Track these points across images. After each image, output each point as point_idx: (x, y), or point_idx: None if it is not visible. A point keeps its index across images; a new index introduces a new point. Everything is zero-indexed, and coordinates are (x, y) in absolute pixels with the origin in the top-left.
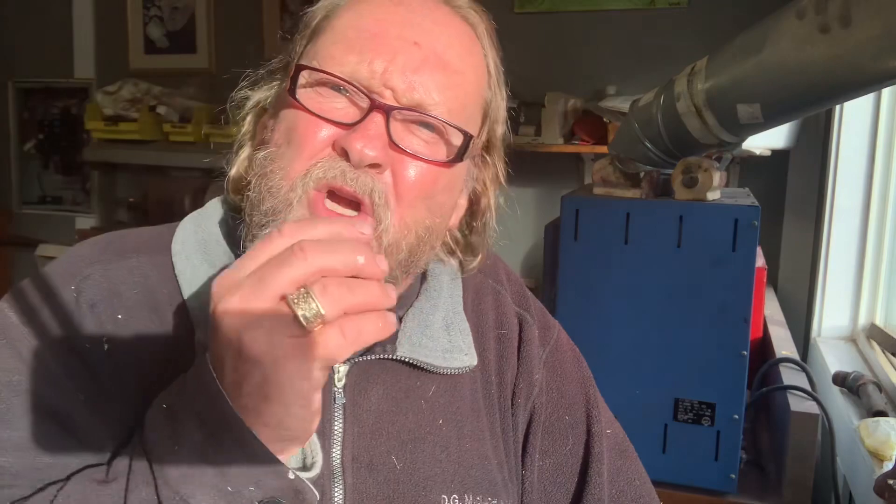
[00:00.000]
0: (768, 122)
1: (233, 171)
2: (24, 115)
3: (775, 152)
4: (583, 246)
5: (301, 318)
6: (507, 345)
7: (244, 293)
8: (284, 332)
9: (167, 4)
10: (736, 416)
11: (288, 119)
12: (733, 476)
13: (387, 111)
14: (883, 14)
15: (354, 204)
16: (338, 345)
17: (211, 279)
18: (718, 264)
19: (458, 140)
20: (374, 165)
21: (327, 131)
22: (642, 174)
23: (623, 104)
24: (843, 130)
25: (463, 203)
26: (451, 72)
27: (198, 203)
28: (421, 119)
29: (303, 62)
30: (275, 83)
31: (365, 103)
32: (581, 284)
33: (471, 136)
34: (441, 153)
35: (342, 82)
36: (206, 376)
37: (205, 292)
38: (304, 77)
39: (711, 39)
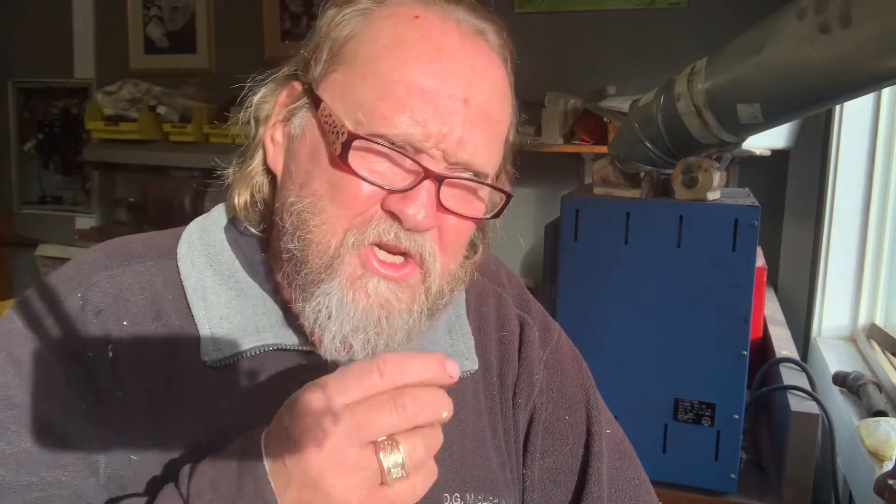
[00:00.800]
0: (768, 122)
1: (240, 198)
2: (24, 114)
3: (775, 152)
4: (583, 246)
5: (387, 470)
6: (509, 346)
7: (339, 434)
8: (367, 481)
9: (167, 4)
10: (736, 416)
11: (334, 177)
12: (733, 476)
13: (439, 179)
14: (883, 14)
15: (403, 254)
16: (408, 499)
17: (217, 285)
18: (718, 264)
19: (496, 194)
20: (427, 229)
21: (375, 192)
22: (642, 174)
23: (623, 104)
24: (843, 130)
25: None
26: (493, 123)
27: (198, 203)
28: (467, 183)
29: (337, 103)
30: (296, 103)
31: (416, 168)
32: (581, 284)
33: (511, 196)
34: (478, 208)
35: (396, 153)
36: (267, 495)
37: (212, 297)
38: (356, 143)
39: (711, 39)
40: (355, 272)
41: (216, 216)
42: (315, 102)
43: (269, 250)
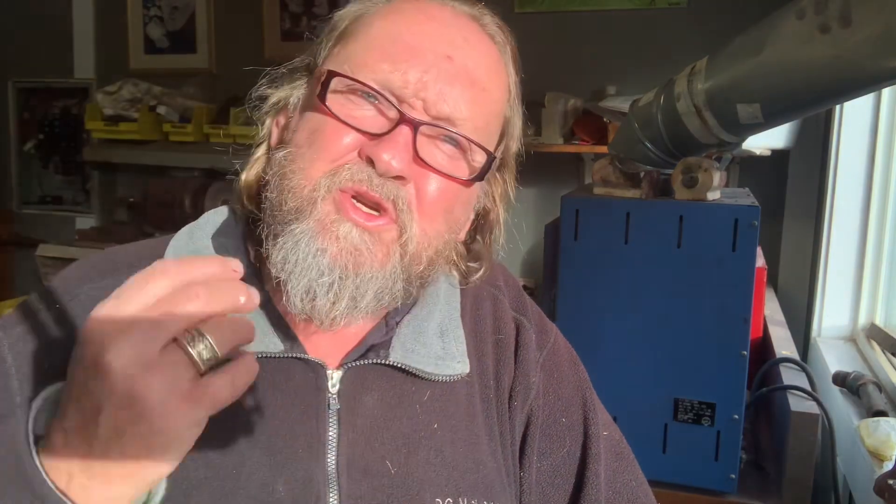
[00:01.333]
0: (768, 122)
1: (244, 175)
2: (24, 115)
3: (775, 152)
4: (583, 246)
5: (197, 360)
6: (505, 349)
7: (138, 337)
8: (181, 377)
9: (167, 4)
10: (736, 416)
11: (314, 122)
12: (733, 476)
13: (415, 125)
14: (883, 14)
15: (377, 207)
16: (228, 390)
17: None
18: (718, 264)
19: (479, 158)
20: (398, 177)
21: (353, 138)
22: (642, 174)
23: (623, 104)
24: (843, 130)
25: (471, 217)
26: (479, 88)
27: (198, 203)
28: (447, 134)
29: (331, 66)
30: (297, 82)
31: (394, 114)
32: (581, 284)
33: (493, 157)
34: (462, 169)
35: (374, 92)
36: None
37: None
38: (335, 83)
39: (711, 39)
40: (328, 217)
41: (203, 222)
42: (312, 73)
43: (256, 244)
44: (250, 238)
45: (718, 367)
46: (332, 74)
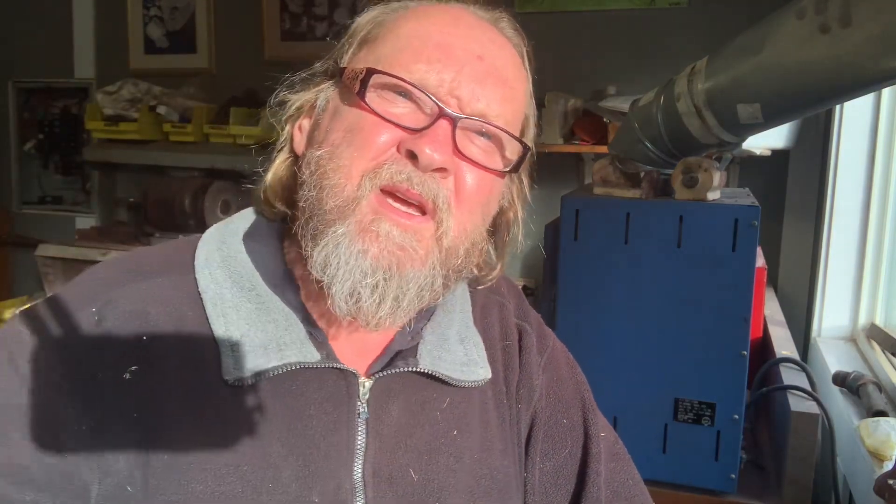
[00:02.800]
0: (768, 122)
1: (269, 178)
2: (24, 115)
3: (775, 152)
4: (583, 246)
5: None
6: (512, 355)
7: None
8: None
9: (167, 4)
10: (736, 416)
11: (350, 120)
12: (733, 476)
13: (454, 119)
14: (883, 14)
15: (415, 205)
16: None
17: (237, 299)
18: (718, 264)
19: (511, 151)
20: (440, 170)
21: (392, 134)
22: (642, 174)
23: (623, 104)
24: (843, 130)
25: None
26: (508, 87)
27: (198, 203)
28: (483, 128)
29: (360, 63)
30: (321, 85)
31: (430, 110)
32: (581, 284)
33: (528, 148)
34: (497, 162)
35: (414, 88)
36: None
37: (231, 312)
38: (372, 81)
39: (711, 39)
40: (367, 217)
41: (235, 227)
42: (340, 74)
43: (291, 247)
44: (286, 238)
45: (718, 367)
46: (371, 72)
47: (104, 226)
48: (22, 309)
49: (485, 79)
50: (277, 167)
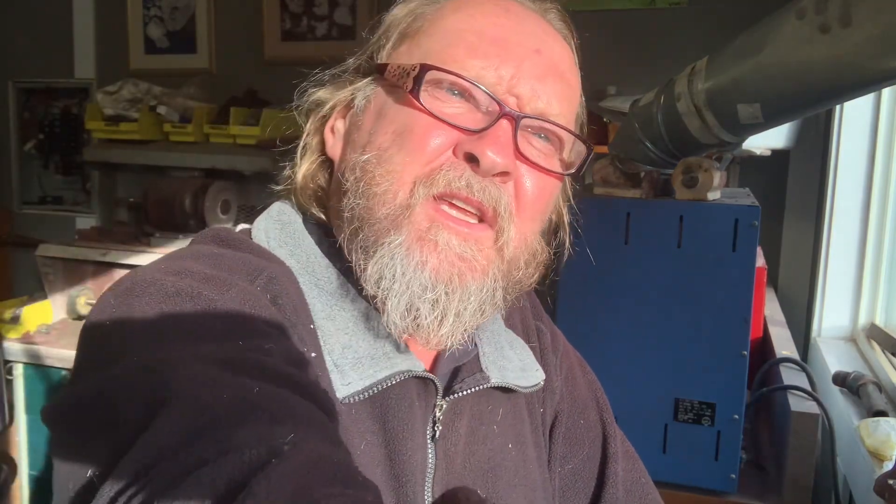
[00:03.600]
0: (769, 122)
1: (300, 181)
2: (24, 115)
3: (775, 152)
4: (583, 246)
5: None
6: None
7: None
8: None
9: (167, 4)
10: (736, 417)
11: (400, 121)
12: (733, 476)
13: (516, 119)
14: (883, 14)
15: (472, 211)
16: None
17: (331, 308)
18: (719, 264)
19: (569, 152)
20: (501, 174)
21: (447, 137)
22: (643, 174)
23: (623, 104)
24: (843, 130)
25: None
26: (566, 83)
27: (198, 203)
28: (544, 128)
29: (405, 59)
30: (357, 83)
31: (488, 109)
32: (581, 284)
33: (591, 149)
34: (556, 165)
35: (472, 86)
36: None
37: (326, 323)
38: (427, 77)
39: (711, 39)
40: (422, 226)
41: (300, 230)
42: (381, 70)
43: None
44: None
45: (719, 367)
46: (426, 68)
47: (104, 226)
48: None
49: (544, 75)
50: (307, 169)
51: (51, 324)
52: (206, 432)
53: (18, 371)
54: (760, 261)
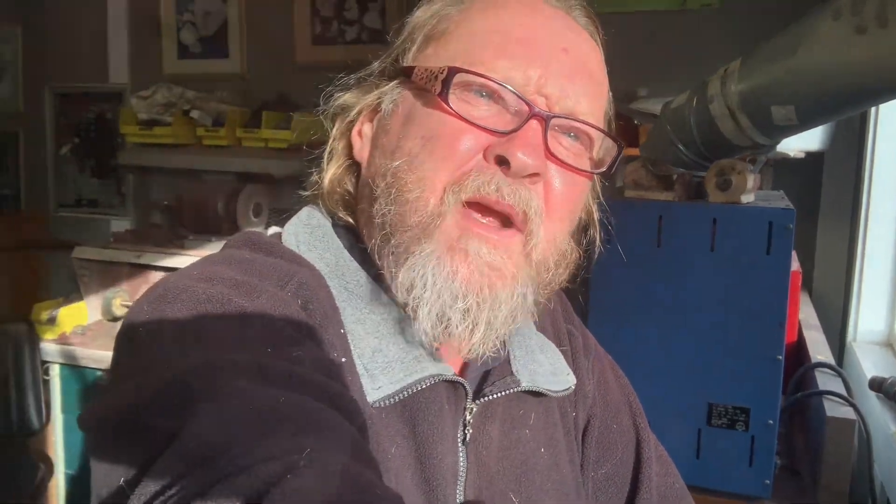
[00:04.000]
0: (803, 124)
1: (327, 186)
2: (60, 119)
3: (810, 154)
4: (614, 249)
5: None
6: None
7: None
8: None
9: (200, 10)
10: (770, 422)
11: (430, 125)
12: (768, 482)
13: (546, 119)
14: None
15: (502, 216)
16: None
17: (360, 311)
18: (753, 268)
19: (599, 151)
20: (532, 175)
21: (477, 140)
22: (675, 177)
23: (654, 106)
24: (878, 132)
25: None
26: (595, 82)
27: (231, 206)
28: (574, 127)
29: (433, 62)
30: (382, 87)
31: (516, 110)
32: (613, 288)
33: (622, 147)
34: (585, 164)
35: (501, 87)
36: None
37: (356, 326)
38: (455, 80)
39: (744, 41)
40: (453, 234)
41: (330, 234)
42: (408, 74)
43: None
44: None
45: (753, 371)
46: (454, 71)
47: (139, 228)
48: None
49: (573, 74)
50: (334, 174)
51: (86, 325)
52: (227, 446)
53: (55, 372)
54: (795, 264)
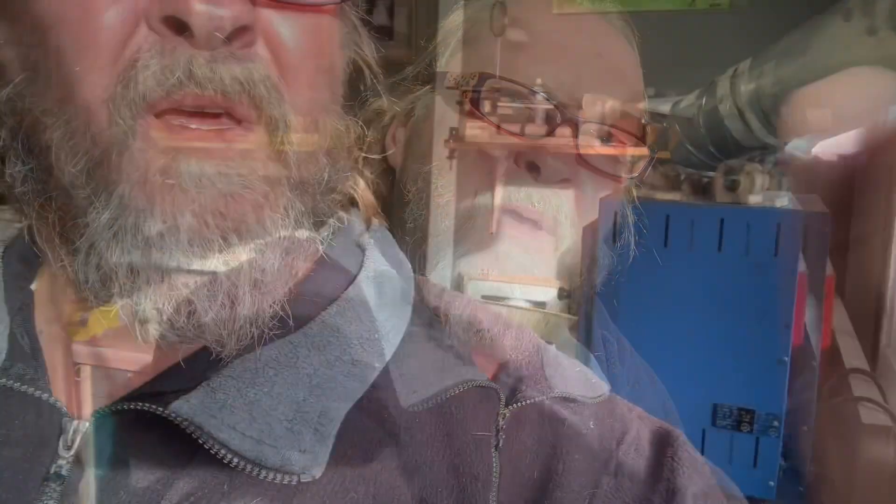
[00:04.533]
0: None
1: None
2: None
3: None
4: (621, 248)
5: None
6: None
7: None
8: None
9: None
10: (776, 423)
11: (462, 131)
12: (772, 483)
13: (576, 125)
14: None
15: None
16: None
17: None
18: (760, 269)
19: (632, 154)
20: (563, 181)
21: (507, 147)
22: (683, 176)
23: (663, 106)
24: None
25: None
26: (626, 84)
27: None
28: (605, 132)
29: (466, 71)
30: (418, 93)
31: (553, 115)
32: (618, 287)
33: (654, 155)
34: (619, 169)
35: (532, 93)
36: None
37: None
38: (486, 86)
39: (753, 42)
40: (488, 241)
41: (357, 230)
42: (440, 79)
43: None
44: None
45: (758, 372)
46: (485, 77)
47: None
48: None
49: (605, 78)
50: (367, 178)
51: (117, 327)
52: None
53: (86, 373)
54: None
